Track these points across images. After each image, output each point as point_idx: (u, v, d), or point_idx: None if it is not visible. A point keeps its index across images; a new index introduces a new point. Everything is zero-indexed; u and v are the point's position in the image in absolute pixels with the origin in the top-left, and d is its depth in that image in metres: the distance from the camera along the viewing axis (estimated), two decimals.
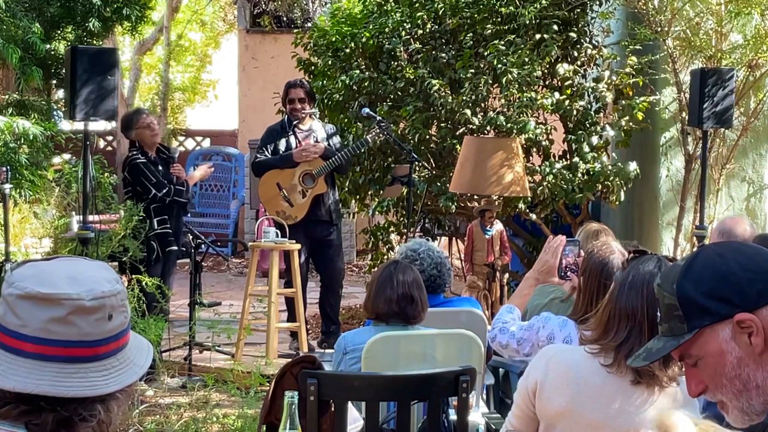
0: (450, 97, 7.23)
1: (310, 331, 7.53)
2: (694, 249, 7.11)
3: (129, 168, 6.79)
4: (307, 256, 7.24)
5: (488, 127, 7.15)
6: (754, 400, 1.68)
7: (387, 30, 7.84)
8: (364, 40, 7.95)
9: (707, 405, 3.17)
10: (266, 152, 7.23)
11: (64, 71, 7.31)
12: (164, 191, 6.73)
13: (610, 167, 7.23)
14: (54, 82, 8.90)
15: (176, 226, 7.00)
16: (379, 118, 7.21)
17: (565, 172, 7.16)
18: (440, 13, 7.72)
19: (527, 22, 7.21)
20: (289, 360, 3.64)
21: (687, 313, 1.69)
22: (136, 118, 6.95)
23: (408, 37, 7.67)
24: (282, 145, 7.23)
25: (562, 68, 7.26)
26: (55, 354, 1.55)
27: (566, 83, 7.31)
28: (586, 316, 3.14)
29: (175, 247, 6.92)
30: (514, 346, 3.52)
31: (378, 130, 7.07)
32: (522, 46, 7.14)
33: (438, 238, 8.74)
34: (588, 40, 7.68)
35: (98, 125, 6.86)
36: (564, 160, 7.52)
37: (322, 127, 7.37)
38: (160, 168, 6.85)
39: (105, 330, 1.59)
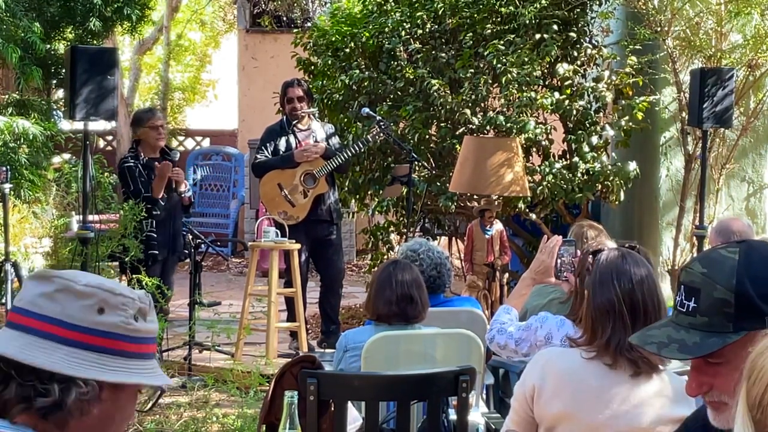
0: (450, 97, 7.23)
1: (310, 331, 7.53)
2: (694, 249, 7.11)
3: (119, 171, 6.94)
4: (307, 256, 7.24)
5: (488, 127, 7.15)
6: None
7: (387, 30, 7.84)
8: (364, 39, 7.95)
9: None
10: (266, 152, 7.23)
11: (64, 71, 7.31)
12: (137, 201, 6.72)
13: (609, 167, 7.23)
14: (54, 81, 8.90)
15: (174, 228, 6.98)
16: (379, 118, 7.21)
17: (564, 171, 7.16)
18: (440, 13, 7.72)
19: (527, 21, 7.21)
20: (289, 360, 3.65)
21: (740, 313, 1.60)
22: (147, 116, 6.97)
23: (408, 37, 7.67)
24: (282, 144, 7.23)
25: (562, 68, 7.26)
26: (33, 327, 1.59)
27: (566, 83, 7.31)
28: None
29: (157, 252, 6.86)
30: (513, 346, 3.52)
31: (378, 130, 7.07)
32: (522, 45, 7.14)
33: (438, 237, 8.74)
34: (588, 39, 7.68)
35: (98, 125, 6.85)
36: (564, 159, 7.52)
37: (321, 127, 7.37)
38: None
39: (91, 320, 1.60)
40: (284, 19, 13.85)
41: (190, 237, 7.19)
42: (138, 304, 1.66)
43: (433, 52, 7.62)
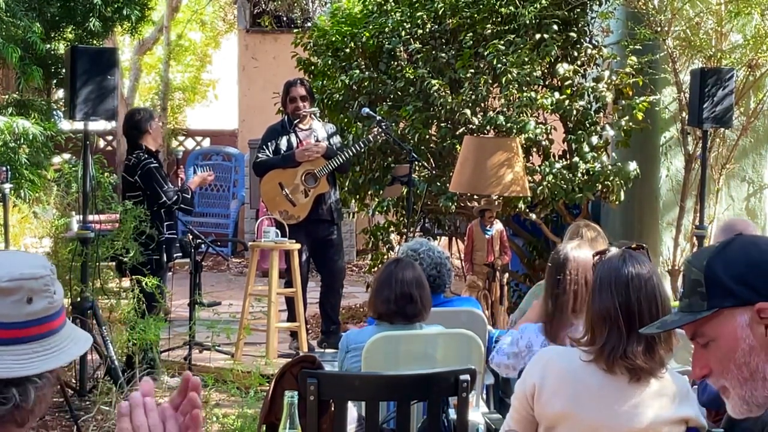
0: (450, 97, 7.23)
1: (309, 331, 7.53)
2: (694, 249, 7.11)
3: (142, 172, 6.66)
4: (308, 256, 7.24)
5: (488, 127, 7.15)
6: (758, 391, 1.68)
7: (387, 30, 7.85)
8: (364, 40, 7.95)
9: (708, 402, 3.18)
10: (267, 151, 7.22)
11: (64, 71, 7.31)
12: (174, 199, 6.72)
13: (610, 167, 7.23)
14: (54, 81, 8.90)
15: (177, 228, 7.03)
16: (379, 117, 7.21)
17: (565, 171, 7.16)
18: (440, 13, 7.72)
19: (527, 22, 7.21)
20: (289, 360, 3.65)
21: (710, 291, 1.70)
22: (152, 116, 6.94)
23: (408, 37, 7.67)
24: (283, 144, 7.22)
25: (562, 68, 7.26)
26: None
27: (566, 83, 7.31)
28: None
29: (180, 253, 6.96)
30: (506, 361, 3.59)
31: (380, 130, 7.08)
32: (522, 46, 7.14)
33: (438, 238, 8.74)
34: (588, 40, 7.68)
35: (98, 125, 6.85)
36: (564, 160, 7.52)
37: (322, 126, 7.37)
38: None
39: (23, 313, 1.59)
40: (284, 19, 13.85)
41: (190, 237, 7.19)
42: (53, 275, 1.65)
43: (433, 52, 7.62)
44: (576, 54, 7.52)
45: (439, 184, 7.38)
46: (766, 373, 1.66)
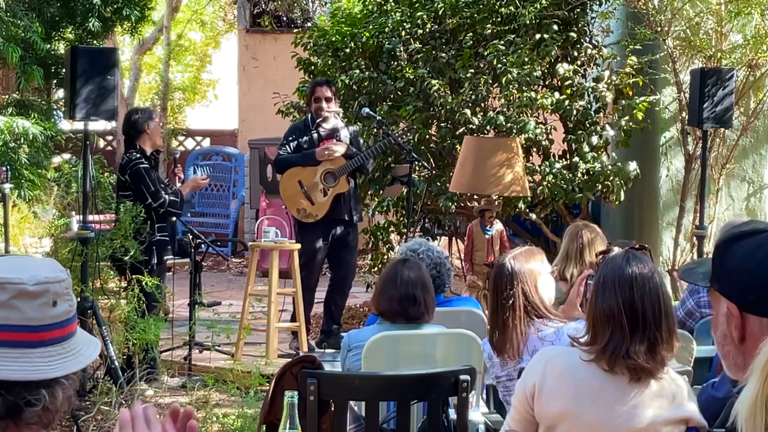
0: (450, 97, 7.23)
1: (310, 331, 7.53)
2: (694, 249, 7.12)
3: (131, 172, 6.65)
4: (323, 255, 7.20)
5: (488, 127, 7.15)
6: (731, 369, 1.81)
7: (387, 30, 7.85)
8: (364, 39, 7.96)
9: (709, 403, 3.18)
10: (288, 148, 7.18)
11: (64, 71, 7.31)
12: (159, 202, 6.67)
13: (610, 167, 7.23)
14: (54, 81, 8.90)
15: (172, 229, 6.99)
16: (379, 117, 7.21)
17: (565, 171, 7.16)
18: (440, 13, 7.72)
19: (527, 22, 7.22)
20: (289, 360, 3.65)
21: (714, 269, 1.84)
22: (151, 116, 6.90)
23: (408, 37, 7.67)
24: (304, 142, 7.19)
25: (562, 68, 7.26)
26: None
27: (566, 83, 7.31)
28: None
29: (171, 255, 6.90)
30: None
31: (402, 131, 7.10)
32: (522, 46, 7.14)
33: (438, 238, 8.74)
34: (588, 40, 7.69)
35: (98, 125, 6.84)
36: (564, 160, 7.52)
37: (344, 127, 7.33)
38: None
39: (49, 316, 1.63)
40: (284, 19, 13.85)
41: (190, 237, 7.18)
42: (69, 278, 1.69)
43: (433, 52, 7.62)
44: (576, 54, 7.52)
45: (439, 184, 7.38)
46: (736, 361, 1.78)
